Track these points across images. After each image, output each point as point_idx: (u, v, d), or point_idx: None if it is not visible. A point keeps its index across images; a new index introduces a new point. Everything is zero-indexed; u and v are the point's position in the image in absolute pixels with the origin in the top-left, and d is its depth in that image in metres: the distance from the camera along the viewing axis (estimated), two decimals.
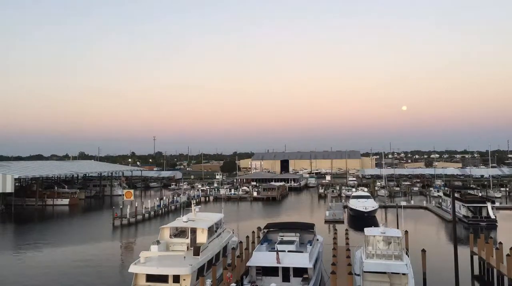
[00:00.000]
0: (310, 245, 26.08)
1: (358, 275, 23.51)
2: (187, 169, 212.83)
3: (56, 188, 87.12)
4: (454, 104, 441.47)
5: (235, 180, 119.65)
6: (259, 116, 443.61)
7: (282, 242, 26.88)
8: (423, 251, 29.23)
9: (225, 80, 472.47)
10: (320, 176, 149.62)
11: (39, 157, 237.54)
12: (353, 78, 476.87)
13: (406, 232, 33.53)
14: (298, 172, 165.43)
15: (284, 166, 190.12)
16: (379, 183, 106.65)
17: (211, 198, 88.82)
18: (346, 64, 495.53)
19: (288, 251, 24.32)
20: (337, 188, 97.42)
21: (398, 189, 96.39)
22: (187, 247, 25.65)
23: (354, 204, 59.26)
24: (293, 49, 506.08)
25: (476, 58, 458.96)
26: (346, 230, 37.48)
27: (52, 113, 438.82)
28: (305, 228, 29.76)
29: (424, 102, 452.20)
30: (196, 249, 24.35)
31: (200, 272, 23.28)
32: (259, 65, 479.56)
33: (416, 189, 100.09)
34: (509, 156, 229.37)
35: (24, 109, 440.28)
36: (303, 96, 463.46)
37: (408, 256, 26.91)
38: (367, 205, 57.74)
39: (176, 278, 22.27)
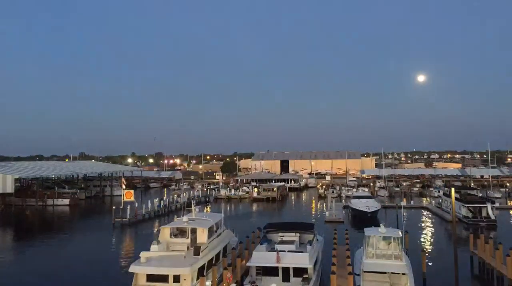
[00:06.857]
0: (310, 245, 26.09)
1: (358, 275, 23.53)
2: (187, 169, 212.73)
3: (56, 188, 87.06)
4: (454, 104, 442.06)
5: (235, 180, 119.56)
6: (259, 116, 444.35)
7: (282, 242, 26.91)
8: (423, 251, 29.29)
9: (226, 80, 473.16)
10: (320, 176, 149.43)
11: (39, 157, 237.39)
12: (353, 78, 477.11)
13: (406, 232, 33.55)
14: (298, 172, 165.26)
15: (284, 166, 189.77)
16: (379, 183, 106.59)
17: (211, 198, 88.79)
18: (346, 64, 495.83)
19: (288, 251, 24.33)
20: (337, 188, 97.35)
21: (398, 189, 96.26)
22: (187, 247, 25.64)
23: (357, 204, 59.00)
24: (291, 50, 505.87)
25: (475, 59, 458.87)
26: (346, 230, 37.50)
27: (53, 113, 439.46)
28: (305, 228, 29.78)
29: (424, 102, 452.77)
30: (196, 249, 24.36)
31: (200, 272, 23.29)
32: (259, 67, 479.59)
33: (416, 189, 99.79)
34: (509, 156, 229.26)
35: (24, 108, 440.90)
36: (303, 96, 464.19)
37: (408, 256, 26.94)
38: (370, 205, 57.49)
39: (177, 278, 22.28)
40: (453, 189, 25.13)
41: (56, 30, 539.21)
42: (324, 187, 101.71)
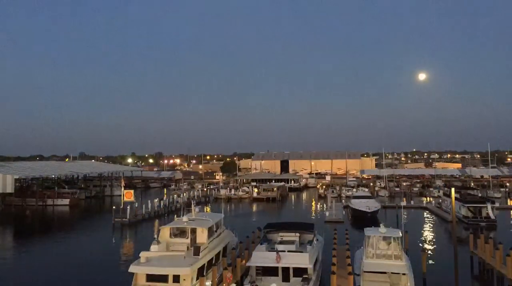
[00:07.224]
0: (310, 245, 26.09)
1: (358, 275, 23.53)
2: (187, 169, 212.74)
3: (56, 188, 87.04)
4: (454, 104, 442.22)
5: (235, 180, 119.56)
6: (259, 116, 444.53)
7: (282, 242, 26.89)
8: (423, 251, 29.28)
9: (226, 80, 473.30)
10: (320, 176, 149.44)
11: (39, 157, 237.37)
12: (353, 77, 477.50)
13: (406, 232, 33.54)
14: (298, 172, 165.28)
15: (284, 166, 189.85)
16: (379, 183, 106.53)
17: (211, 198, 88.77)
18: (346, 64, 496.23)
19: (288, 251, 24.32)
20: (337, 188, 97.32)
21: (398, 189, 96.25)
22: (187, 247, 25.63)
23: (357, 204, 58.94)
24: (291, 50, 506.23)
25: (476, 59, 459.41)
26: (346, 230, 37.49)
27: (53, 113, 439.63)
28: (305, 228, 29.77)
29: (424, 102, 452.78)
30: (196, 249, 24.33)
31: (200, 272, 23.28)
32: (259, 67, 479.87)
33: (416, 189, 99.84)
34: (509, 156, 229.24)
35: (24, 109, 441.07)
36: (303, 96, 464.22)
37: (408, 256, 26.93)
38: (370, 205, 57.45)
39: (176, 278, 22.26)
40: (453, 189, 25.07)
41: (56, 27, 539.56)
42: (324, 187, 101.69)
